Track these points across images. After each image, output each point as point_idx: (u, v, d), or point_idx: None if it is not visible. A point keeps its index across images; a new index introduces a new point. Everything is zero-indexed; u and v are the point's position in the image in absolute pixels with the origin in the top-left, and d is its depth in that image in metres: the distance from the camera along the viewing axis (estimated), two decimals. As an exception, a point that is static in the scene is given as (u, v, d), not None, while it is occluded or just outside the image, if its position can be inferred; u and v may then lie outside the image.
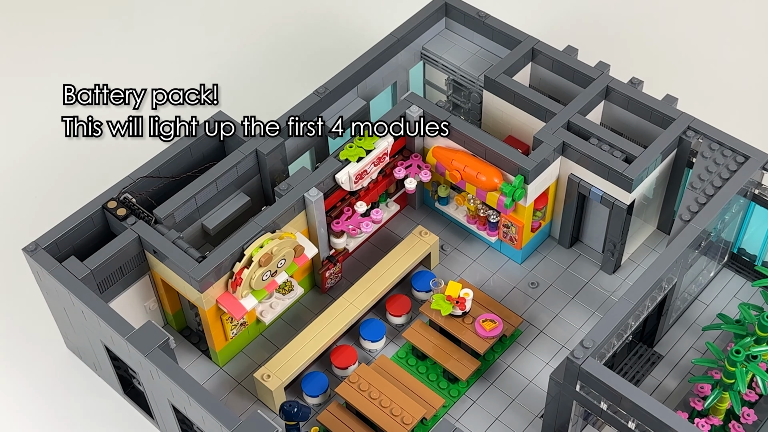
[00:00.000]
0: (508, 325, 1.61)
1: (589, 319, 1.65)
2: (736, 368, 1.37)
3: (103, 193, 1.55)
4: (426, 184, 1.75)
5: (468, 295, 1.58)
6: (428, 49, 1.84)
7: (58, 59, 2.24)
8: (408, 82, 1.87)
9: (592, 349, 1.32)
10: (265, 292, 1.51)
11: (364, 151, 1.59)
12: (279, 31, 2.27)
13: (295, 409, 1.42)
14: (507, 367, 1.60)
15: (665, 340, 1.61)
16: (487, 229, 1.71)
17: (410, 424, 1.46)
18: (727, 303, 1.66)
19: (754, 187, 1.56)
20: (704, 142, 1.57)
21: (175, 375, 1.35)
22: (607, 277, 1.71)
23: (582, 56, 1.77)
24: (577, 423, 1.43)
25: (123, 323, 1.40)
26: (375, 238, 1.77)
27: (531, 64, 1.74)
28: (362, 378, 1.52)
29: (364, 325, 1.62)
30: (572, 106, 1.62)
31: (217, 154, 1.67)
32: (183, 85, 2.16)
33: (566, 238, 1.73)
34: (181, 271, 1.45)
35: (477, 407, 1.55)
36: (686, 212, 1.50)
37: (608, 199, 1.58)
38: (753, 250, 1.67)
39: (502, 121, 1.73)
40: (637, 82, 1.67)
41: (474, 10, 1.81)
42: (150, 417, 1.58)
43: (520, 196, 1.58)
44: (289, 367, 1.51)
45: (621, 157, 1.57)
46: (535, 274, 1.71)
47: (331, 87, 1.69)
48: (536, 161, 1.55)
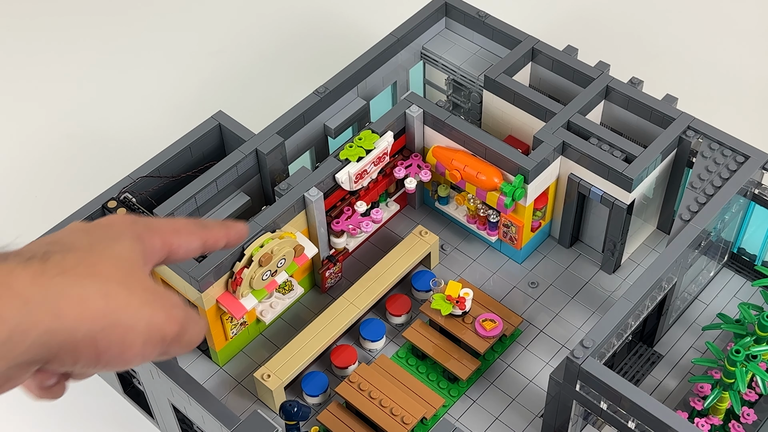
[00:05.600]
0: (508, 324, 1.61)
1: (589, 318, 1.65)
2: (736, 368, 1.37)
3: (103, 193, 1.55)
4: (426, 183, 1.75)
5: (468, 294, 1.58)
6: (428, 48, 1.84)
7: (59, 59, 2.24)
8: (408, 82, 1.87)
9: (592, 348, 1.32)
10: (265, 292, 1.51)
11: (364, 151, 1.59)
12: (279, 31, 2.27)
13: (295, 408, 1.41)
14: (507, 366, 1.60)
15: (665, 340, 1.61)
16: (487, 229, 1.71)
17: (410, 423, 1.46)
18: (727, 303, 1.66)
19: (754, 187, 1.56)
20: (704, 141, 1.57)
21: (175, 375, 1.35)
22: (607, 276, 1.71)
23: (582, 56, 1.77)
24: (577, 423, 1.43)
25: (123, 323, 1.40)
26: (375, 238, 1.77)
27: (531, 63, 1.74)
28: (362, 378, 1.52)
29: (364, 324, 1.62)
30: (572, 106, 1.62)
31: (217, 153, 1.67)
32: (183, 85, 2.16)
33: (566, 237, 1.73)
34: (180, 270, 1.45)
35: (477, 407, 1.55)
36: (686, 212, 1.50)
37: (608, 199, 1.58)
38: (753, 249, 1.67)
39: (502, 120, 1.73)
40: (637, 82, 1.67)
41: (474, 10, 1.81)
42: (150, 417, 1.58)
43: (520, 196, 1.58)
44: (289, 367, 1.51)
45: (621, 156, 1.57)
46: (535, 274, 1.71)
47: (331, 87, 1.69)
48: (536, 161, 1.55)
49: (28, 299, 0.66)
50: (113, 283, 0.73)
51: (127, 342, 0.73)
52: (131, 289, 0.74)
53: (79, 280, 0.70)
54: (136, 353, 0.74)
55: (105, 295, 0.71)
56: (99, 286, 0.71)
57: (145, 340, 0.75)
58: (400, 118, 1.65)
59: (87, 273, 0.72)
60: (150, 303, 0.75)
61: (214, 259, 1.45)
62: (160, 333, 0.76)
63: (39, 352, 0.68)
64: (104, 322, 0.71)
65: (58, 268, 0.70)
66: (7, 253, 0.70)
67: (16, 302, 0.66)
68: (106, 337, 0.71)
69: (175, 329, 0.77)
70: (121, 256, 0.76)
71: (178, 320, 0.77)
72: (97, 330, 0.71)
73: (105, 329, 0.71)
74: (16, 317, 0.65)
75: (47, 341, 0.68)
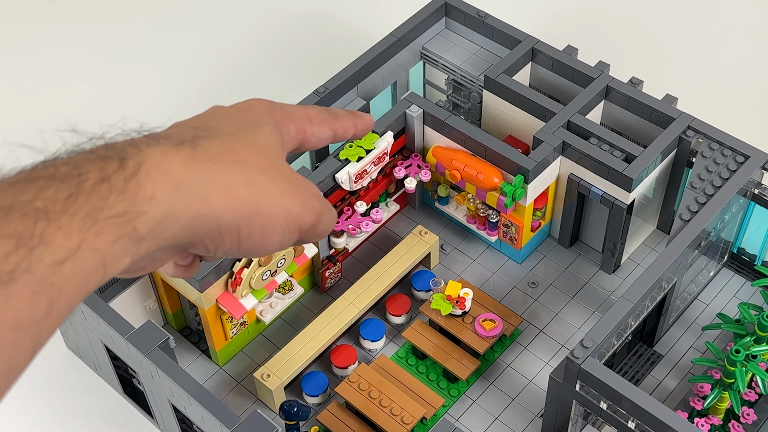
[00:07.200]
0: (508, 324, 1.61)
1: (588, 318, 1.65)
2: (735, 368, 1.37)
3: (103, 193, 1.55)
4: (426, 183, 1.75)
5: (468, 294, 1.58)
6: (428, 48, 1.84)
7: (59, 59, 2.24)
8: (408, 82, 1.87)
9: (592, 348, 1.32)
10: (265, 292, 1.51)
11: (363, 151, 1.59)
12: (279, 31, 2.27)
13: (294, 408, 1.42)
14: (507, 366, 1.60)
15: (665, 340, 1.61)
16: (487, 229, 1.71)
17: (410, 423, 1.46)
18: (726, 303, 1.66)
19: (754, 187, 1.56)
20: (704, 141, 1.57)
21: (175, 374, 1.35)
22: (607, 276, 1.71)
23: (582, 56, 1.77)
24: (576, 423, 1.43)
25: (123, 323, 1.40)
26: (375, 238, 1.77)
27: (531, 63, 1.74)
28: (362, 378, 1.52)
29: (364, 324, 1.62)
30: (572, 106, 1.62)
31: (217, 153, 1.66)
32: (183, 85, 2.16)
33: (566, 237, 1.73)
34: (181, 270, 1.45)
35: (477, 407, 1.55)
36: (686, 212, 1.50)
37: (608, 199, 1.58)
38: (753, 249, 1.67)
39: (502, 120, 1.73)
40: (637, 82, 1.67)
41: (474, 10, 1.81)
42: (150, 417, 1.58)
43: (520, 196, 1.58)
44: (289, 367, 1.51)
45: (621, 156, 1.57)
46: (535, 274, 1.71)
47: (331, 87, 1.69)
48: (536, 161, 1.55)
49: (180, 183, 0.67)
50: (256, 171, 0.74)
51: (267, 230, 0.75)
52: (272, 178, 0.75)
53: (225, 167, 0.71)
54: (276, 241, 0.76)
55: (249, 183, 0.72)
56: (244, 175, 0.72)
57: (284, 229, 0.76)
58: (400, 118, 1.65)
59: (233, 160, 0.72)
60: (290, 193, 0.76)
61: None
62: (298, 222, 0.77)
63: (186, 236, 0.69)
64: (248, 209, 0.72)
65: (207, 154, 0.70)
66: (158, 136, 0.71)
67: (169, 185, 0.66)
68: (248, 224, 0.73)
69: (312, 220, 0.78)
70: (263, 143, 0.77)
71: (315, 210, 0.79)
72: (241, 217, 0.72)
73: (248, 217, 0.72)
74: (169, 200, 0.66)
75: (195, 225, 0.69)
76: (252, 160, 0.74)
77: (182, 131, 0.73)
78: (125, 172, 0.64)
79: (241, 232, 0.73)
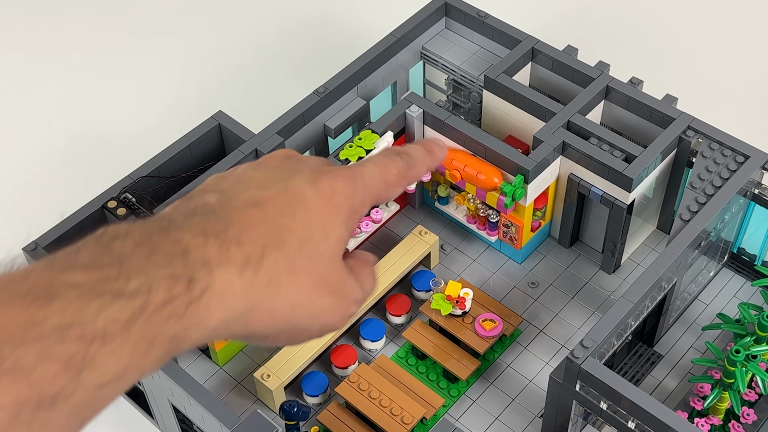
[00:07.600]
0: (508, 324, 1.61)
1: (588, 318, 1.65)
2: (735, 368, 1.37)
3: (103, 193, 1.55)
4: (426, 183, 1.75)
5: (468, 294, 1.58)
6: (428, 48, 1.84)
7: (60, 59, 2.24)
8: (408, 82, 1.87)
9: (592, 348, 1.32)
10: (265, 292, 1.51)
11: (363, 151, 1.59)
12: (280, 31, 2.27)
13: (294, 408, 1.42)
14: (507, 366, 1.60)
15: (665, 340, 1.61)
16: (487, 229, 1.71)
17: (410, 423, 1.46)
18: (726, 303, 1.66)
19: (754, 187, 1.56)
20: (704, 141, 1.57)
21: (175, 375, 1.35)
22: (607, 276, 1.71)
23: (582, 56, 1.77)
24: (576, 423, 1.43)
25: (123, 323, 1.40)
26: (375, 238, 1.77)
27: (531, 63, 1.74)
28: (362, 378, 1.52)
29: (364, 324, 1.62)
30: (572, 106, 1.62)
31: (217, 153, 1.66)
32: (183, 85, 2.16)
33: (566, 237, 1.73)
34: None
35: (477, 407, 1.55)
36: (686, 212, 1.50)
37: (608, 199, 1.58)
38: (753, 249, 1.67)
39: (502, 120, 1.73)
40: (637, 82, 1.67)
41: (474, 10, 1.81)
42: (150, 417, 1.58)
43: (520, 196, 1.58)
44: (289, 367, 1.51)
45: (621, 156, 1.57)
46: (535, 274, 1.71)
47: (331, 87, 1.69)
48: (536, 161, 1.55)
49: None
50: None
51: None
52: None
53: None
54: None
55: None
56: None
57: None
58: (400, 118, 1.65)
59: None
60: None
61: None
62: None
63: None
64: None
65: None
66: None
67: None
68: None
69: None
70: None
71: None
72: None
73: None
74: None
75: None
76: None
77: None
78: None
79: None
